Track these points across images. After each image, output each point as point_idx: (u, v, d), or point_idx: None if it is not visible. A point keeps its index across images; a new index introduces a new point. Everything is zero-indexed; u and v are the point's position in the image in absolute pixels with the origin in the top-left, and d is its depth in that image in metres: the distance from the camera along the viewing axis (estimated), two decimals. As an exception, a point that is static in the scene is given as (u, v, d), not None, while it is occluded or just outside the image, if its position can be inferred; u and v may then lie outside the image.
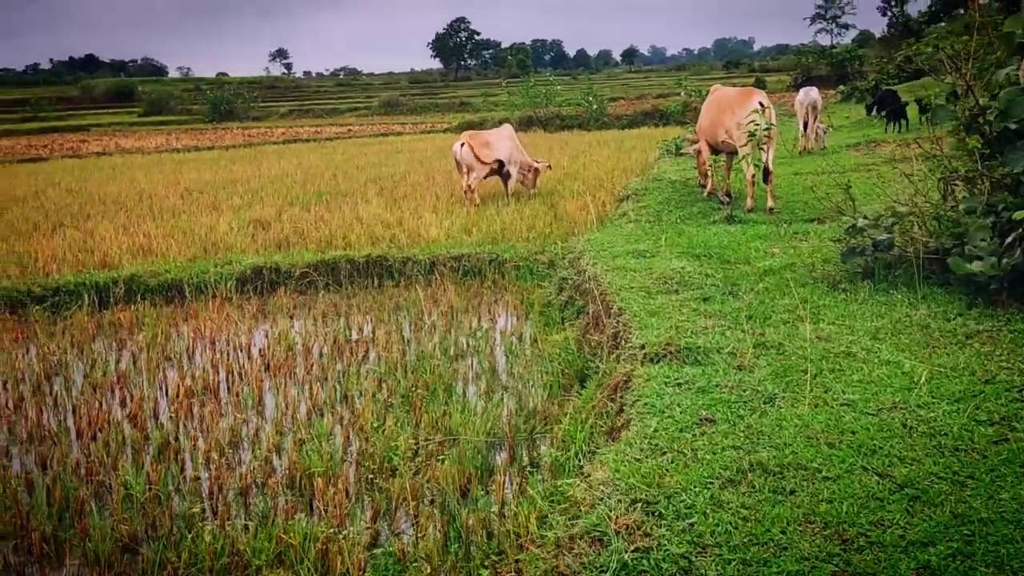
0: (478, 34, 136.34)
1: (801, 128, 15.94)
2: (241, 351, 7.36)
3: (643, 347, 4.86)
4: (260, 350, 7.29)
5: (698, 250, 7.61)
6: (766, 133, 9.47)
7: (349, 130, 41.48)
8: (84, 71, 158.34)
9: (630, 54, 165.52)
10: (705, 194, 11.39)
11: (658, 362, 4.66)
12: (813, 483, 3.25)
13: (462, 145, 13.59)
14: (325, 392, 6.19)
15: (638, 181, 12.75)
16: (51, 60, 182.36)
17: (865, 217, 5.85)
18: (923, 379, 4.13)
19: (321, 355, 7.16)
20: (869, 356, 4.48)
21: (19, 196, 17.51)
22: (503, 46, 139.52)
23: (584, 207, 12.38)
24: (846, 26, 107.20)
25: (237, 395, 6.24)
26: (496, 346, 7.24)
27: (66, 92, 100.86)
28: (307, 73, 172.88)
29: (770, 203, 9.90)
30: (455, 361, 6.84)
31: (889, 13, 75.52)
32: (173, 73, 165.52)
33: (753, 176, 9.91)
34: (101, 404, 6.19)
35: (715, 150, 11.12)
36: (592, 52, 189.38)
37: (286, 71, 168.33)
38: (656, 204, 10.44)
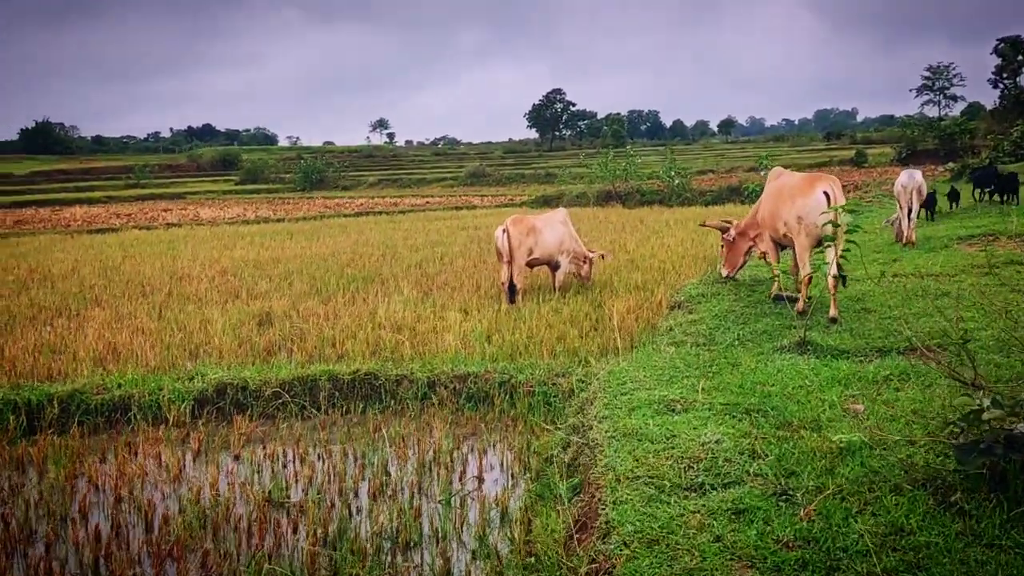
0: (573, 105, 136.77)
1: (905, 217, 13.65)
2: (141, 515, 5.68)
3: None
4: (164, 516, 5.58)
5: (750, 400, 5.59)
6: (834, 231, 7.52)
7: (427, 202, 40.66)
8: (200, 139, 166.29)
9: (728, 125, 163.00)
10: (771, 293, 9.42)
11: None
12: None
13: (504, 231, 11.92)
14: (197, 609, 4.41)
15: (696, 283, 10.70)
16: (171, 129, 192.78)
17: (997, 402, 3.76)
18: None
19: (235, 529, 5.41)
20: None
21: (54, 274, 16.73)
22: (599, 116, 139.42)
23: (635, 308, 10.48)
24: (954, 98, 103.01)
25: (84, 604, 4.52)
26: (466, 529, 5.34)
27: (176, 160, 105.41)
28: (408, 142, 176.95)
29: (832, 312, 8.01)
30: (400, 554, 4.97)
31: (1001, 85, 71.67)
32: (283, 142, 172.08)
33: (835, 277, 7.96)
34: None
35: (779, 245, 9.38)
36: (689, 122, 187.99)
37: (388, 140, 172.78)
38: (711, 318, 8.42)
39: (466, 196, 44.65)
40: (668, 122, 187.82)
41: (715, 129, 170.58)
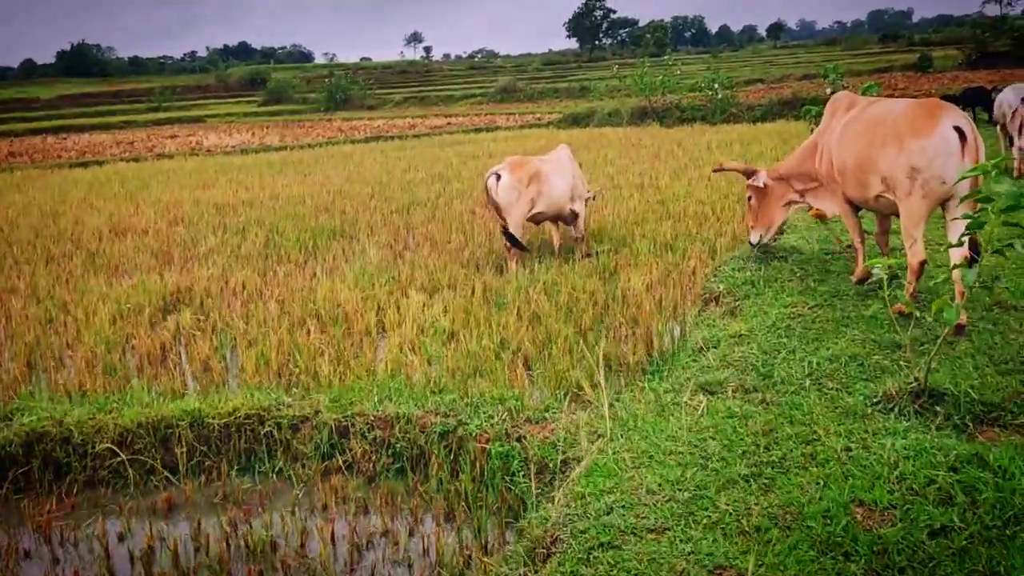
0: (614, 12, 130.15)
1: (1018, 142, 10.48)
2: None
3: None
4: None
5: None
6: (976, 207, 4.53)
7: (448, 122, 37.47)
8: (236, 58, 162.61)
9: (777, 29, 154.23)
10: (853, 279, 6.41)
11: None
12: None
13: (498, 178, 9.00)
14: None
15: (739, 257, 7.53)
16: (207, 48, 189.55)
17: None
18: None
19: None
20: None
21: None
22: (640, 24, 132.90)
23: (660, 281, 7.67)
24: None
25: None
26: None
27: (203, 81, 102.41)
28: (446, 56, 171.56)
29: (961, 318, 5.12)
30: None
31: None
32: (319, 59, 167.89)
33: (967, 260, 4.94)
34: None
35: (856, 208, 6.34)
36: (736, 28, 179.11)
37: (425, 55, 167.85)
38: (765, 330, 5.49)
39: (491, 115, 41.23)
40: (714, 28, 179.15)
41: (763, 34, 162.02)
